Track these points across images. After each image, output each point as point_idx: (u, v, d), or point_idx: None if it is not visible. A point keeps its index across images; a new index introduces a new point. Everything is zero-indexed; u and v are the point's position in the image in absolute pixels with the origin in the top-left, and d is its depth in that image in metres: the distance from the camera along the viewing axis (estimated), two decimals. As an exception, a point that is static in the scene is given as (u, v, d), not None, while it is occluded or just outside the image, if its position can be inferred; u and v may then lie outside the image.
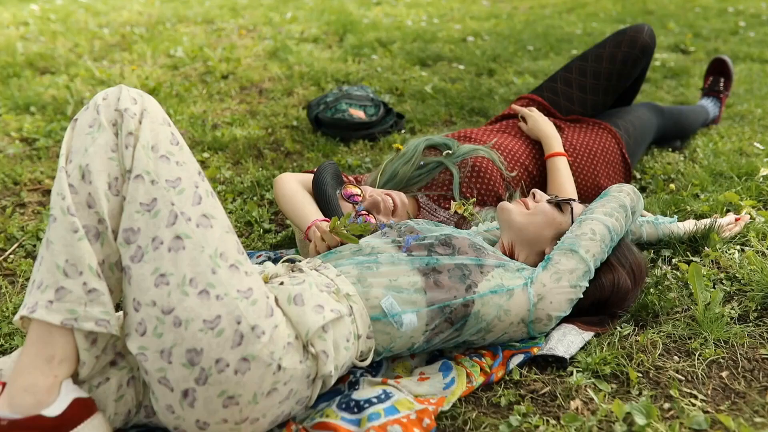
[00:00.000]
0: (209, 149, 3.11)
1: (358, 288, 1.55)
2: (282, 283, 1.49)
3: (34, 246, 2.33)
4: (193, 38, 5.13)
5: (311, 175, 2.18)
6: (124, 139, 1.38)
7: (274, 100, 3.80)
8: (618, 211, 1.80)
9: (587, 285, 1.70)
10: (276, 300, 1.44)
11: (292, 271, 1.62)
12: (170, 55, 4.69)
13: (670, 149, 2.94)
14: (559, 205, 1.87)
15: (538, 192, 1.92)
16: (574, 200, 1.89)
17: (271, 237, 2.36)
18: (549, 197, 1.92)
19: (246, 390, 1.32)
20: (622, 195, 1.84)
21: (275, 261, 2.13)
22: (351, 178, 2.33)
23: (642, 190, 2.62)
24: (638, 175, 2.71)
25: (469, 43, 5.03)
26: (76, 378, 1.33)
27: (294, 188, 2.05)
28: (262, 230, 2.40)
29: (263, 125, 3.38)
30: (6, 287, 2.06)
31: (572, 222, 1.85)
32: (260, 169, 2.87)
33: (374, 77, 4.12)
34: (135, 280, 1.33)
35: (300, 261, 1.70)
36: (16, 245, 2.32)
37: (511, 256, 1.84)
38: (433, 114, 3.45)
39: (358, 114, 3.19)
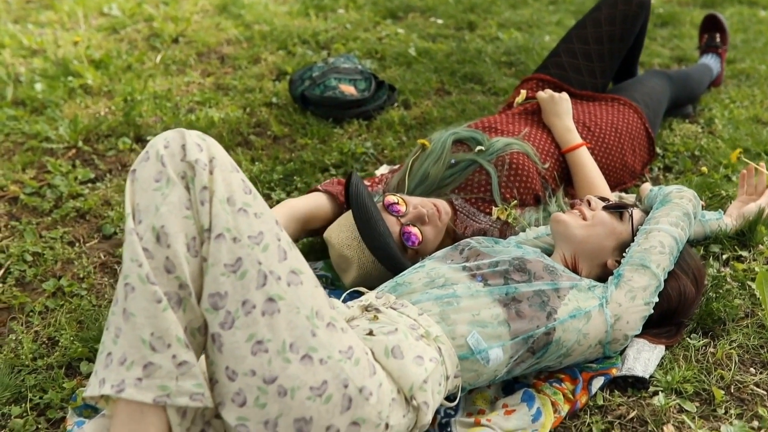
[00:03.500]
0: (188, 138, 3.06)
1: (443, 327, 1.63)
2: (371, 333, 1.55)
3: (24, 272, 2.29)
4: (124, -11, 4.93)
5: (307, 200, 2.23)
6: (198, 195, 1.38)
7: (241, 69, 3.74)
8: (683, 220, 1.92)
9: (658, 299, 1.83)
10: (372, 353, 1.51)
11: (367, 310, 1.68)
12: (104, 13, 4.52)
13: (685, 120, 3.09)
14: (620, 213, 1.97)
15: (593, 199, 2.02)
16: (632, 206, 2.00)
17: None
18: (604, 203, 2.02)
19: (356, 454, 1.39)
20: (684, 202, 1.96)
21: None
22: (376, 179, 2.37)
23: (668, 170, 2.77)
24: (660, 152, 2.84)
25: (437, -12, 5.03)
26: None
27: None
28: (278, 239, 2.43)
29: (240, 104, 3.34)
30: (17, 327, 2.04)
31: (632, 229, 1.96)
32: (254, 162, 2.87)
33: (347, 37, 4.10)
34: (228, 348, 1.37)
35: (365, 294, 1.75)
36: (2, 270, 2.28)
37: (574, 270, 1.95)
38: (424, 83, 3.49)
39: (349, 90, 3.20)
